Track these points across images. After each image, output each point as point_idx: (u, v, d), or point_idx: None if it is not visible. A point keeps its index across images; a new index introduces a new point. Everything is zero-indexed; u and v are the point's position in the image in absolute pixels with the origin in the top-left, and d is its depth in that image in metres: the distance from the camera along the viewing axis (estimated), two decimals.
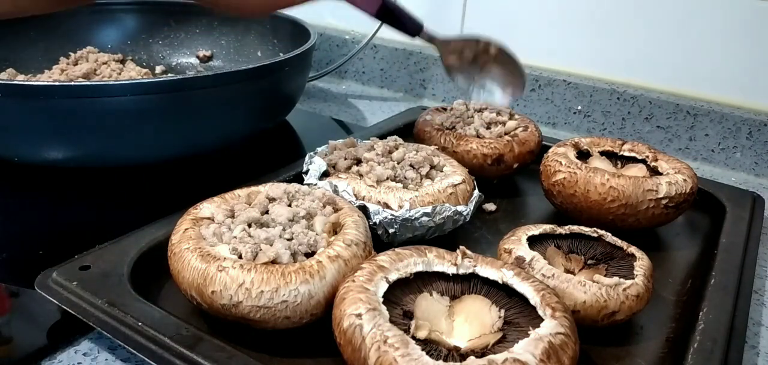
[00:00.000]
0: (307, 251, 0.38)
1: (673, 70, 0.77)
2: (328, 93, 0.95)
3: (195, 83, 0.56)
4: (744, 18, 0.71)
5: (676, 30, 0.75)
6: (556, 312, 0.33)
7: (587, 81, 0.81)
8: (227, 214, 0.41)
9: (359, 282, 0.34)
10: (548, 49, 0.84)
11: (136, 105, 0.53)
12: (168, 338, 0.34)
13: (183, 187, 0.59)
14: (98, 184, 0.58)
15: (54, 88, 0.52)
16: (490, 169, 0.58)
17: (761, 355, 0.42)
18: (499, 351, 0.31)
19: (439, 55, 0.59)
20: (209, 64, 0.87)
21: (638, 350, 0.39)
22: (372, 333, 0.31)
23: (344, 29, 0.99)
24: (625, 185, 0.49)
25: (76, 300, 0.38)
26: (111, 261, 0.41)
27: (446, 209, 0.46)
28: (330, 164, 0.50)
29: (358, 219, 0.41)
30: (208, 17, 0.88)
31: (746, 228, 0.52)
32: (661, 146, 0.77)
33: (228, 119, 0.61)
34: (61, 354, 0.38)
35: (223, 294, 0.35)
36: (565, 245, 0.44)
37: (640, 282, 0.39)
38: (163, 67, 0.85)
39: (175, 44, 0.88)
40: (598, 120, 0.81)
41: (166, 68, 0.85)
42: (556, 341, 0.31)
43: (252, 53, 0.85)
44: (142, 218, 0.46)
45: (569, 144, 0.56)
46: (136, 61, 0.84)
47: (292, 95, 0.71)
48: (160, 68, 0.84)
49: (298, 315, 0.35)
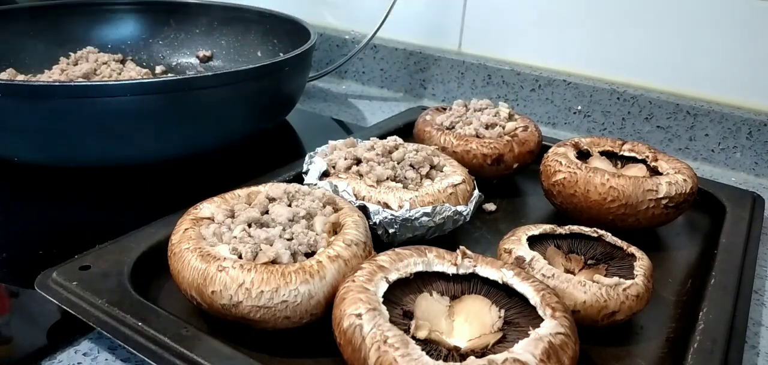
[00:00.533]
0: (307, 252, 0.38)
1: (673, 70, 0.77)
2: (328, 93, 0.95)
3: (193, 84, 0.56)
4: (744, 18, 0.71)
5: (676, 30, 0.75)
6: (556, 312, 0.33)
7: (587, 81, 0.81)
8: (227, 214, 0.41)
9: (359, 282, 0.34)
10: (548, 49, 0.84)
11: (136, 105, 0.53)
12: (168, 338, 0.34)
13: (183, 187, 0.59)
14: (98, 184, 0.58)
15: (54, 88, 0.52)
16: (490, 169, 0.58)
17: (761, 355, 0.42)
18: (499, 351, 0.31)
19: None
20: (209, 65, 0.87)
21: (638, 350, 0.39)
22: (372, 333, 0.31)
23: (344, 29, 0.99)
24: (625, 185, 0.49)
25: (76, 300, 0.38)
26: (111, 261, 0.41)
27: (446, 209, 0.46)
28: (330, 164, 0.50)
29: (358, 219, 0.41)
30: (208, 17, 0.88)
31: (746, 228, 0.52)
32: (661, 146, 0.77)
33: (228, 119, 0.61)
34: (61, 354, 0.38)
35: (223, 294, 0.35)
36: (565, 245, 0.44)
37: (640, 282, 0.39)
38: (163, 68, 0.85)
39: (175, 44, 0.88)
40: (598, 120, 0.81)
41: (166, 68, 0.85)
42: (556, 341, 0.31)
43: (252, 53, 0.85)
44: (142, 218, 0.46)
45: (569, 144, 0.56)
46: (136, 61, 0.84)
47: (293, 94, 0.71)
48: (160, 68, 0.84)
49: (298, 315, 0.35)
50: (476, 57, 0.89)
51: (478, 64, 0.88)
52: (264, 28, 0.84)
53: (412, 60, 0.93)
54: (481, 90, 0.88)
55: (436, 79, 0.92)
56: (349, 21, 0.99)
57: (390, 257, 0.36)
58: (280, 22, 0.82)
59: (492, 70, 0.87)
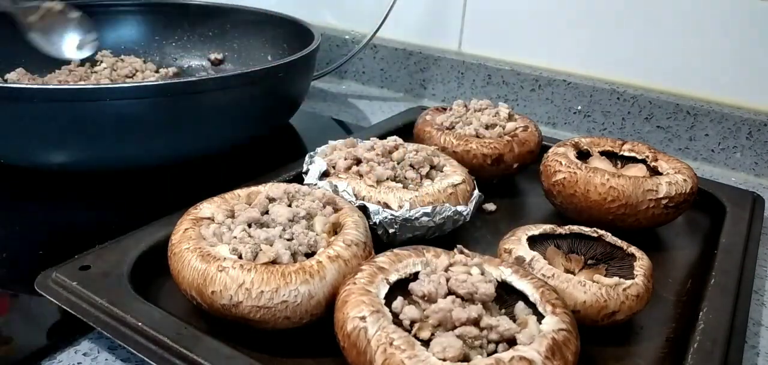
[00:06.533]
0: (307, 252, 0.38)
1: (673, 70, 0.77)
2: (328, 93, 0.95)
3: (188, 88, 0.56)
4: (744, 18, 0.71)
5: (676, 30, 0.75)
6: (556, 308, 0.33)
7: (587, 81, 0.81)
8: (227, 214, 0.41)
9: (361, 284, 0.34)
10: (548, 49, 0.84)
11: (136, 109, 0.53)
12: (168, 338, 0.34)
13: (183, 187, 0.59)
14: (98, 184, 0.58)
15: (54, 91, 0.52)
16: (490, 169, 0.58)
17: (761, 355, 0.42)
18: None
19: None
20: (220, 68, 0.87)
21: (638, 350, 0.39)
22: (377, 335, 0.31)
23: (344, 29, 0.99)
24: (625, 185, 0.49)
25: (76, 300, 0.38)
26: (111, 261, 0.41)
27: (446, 209, 0.46)
28: (330, 164, 0.50)
29: (358, 219, 0.41)
30: (222, 20, 0.88)
31: (746, 228, 0.52)
32: (661, 146, 0.77)
33: (229, 123, 0.60)
34: (61, 354, 0.38)
35: (223, 294, 0.35)
36: (565, 245, 0.44)
37: (640, 282, 0.39)
38: (174, 69, 0.85)
39: (188, 46, 0.88)
40: (598, 120, 0.81)
41: (178, 70, 0.85)
42: (559, 337, 0.31)
43: (262, 57, 0.85)
44: (142, 219, 0.46)
45: (569, 144, 0.56)
46: (147, 63, 0.83)
47: (295, 98, 0.71)
48: (173, 70, 0.84)
49: (298, 315, 0.35)
50: (476, 57, 0.89)
51: (478, 64, 0.88)
52: (275, 32, 0.84)
53: (412, 60, 0.93)
54: (481, 90, 0.88)
55: (436, 79, 0.92)
56: (349, 21, 0.99)
57: (389, 259, 0.36)
58: (290, 25, 0.81)
59: (492, 70, 0.87)
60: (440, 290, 0.33)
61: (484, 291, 0.33)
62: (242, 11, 0.88)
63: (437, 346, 0.30)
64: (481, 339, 0.31)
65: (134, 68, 0.79)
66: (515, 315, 0.34)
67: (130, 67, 0.78)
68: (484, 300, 0.33)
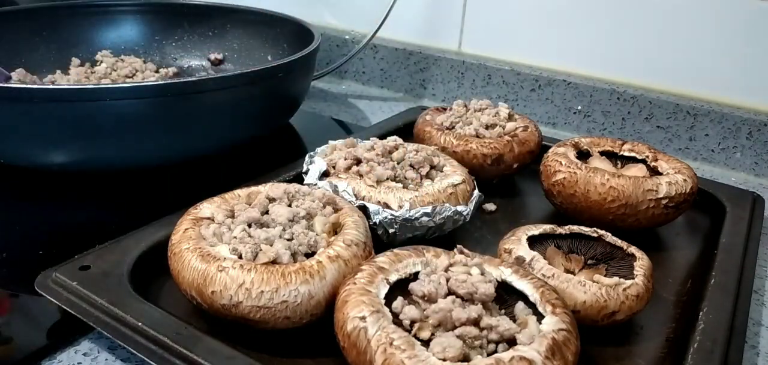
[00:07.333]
0: (307, 252, 0.38)
1: (673, 70, 0.77)
2: (328, 93, 0.95)
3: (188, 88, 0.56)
4: (744, 18, 0.71)
5: (676, 30, 0.75)
6: (556, 308, 0.33)
7: (587, 81, 0.81)
8: (227, 214, 0.41)
9: (361, 284, 0.34)
10: (548, 49, 0.84)
11: (136, 109, 0.53)
12: (168, 338, 0.34)
13: (183, 187, 0.59)
14: (98, 184, 0.58)
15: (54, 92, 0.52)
16: (490, 169, 0.58)
17: (761, 355, 0.42)
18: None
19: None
20: (220, 68, 0.87)
21: (638, 350, 0.39)
22: (377, 335, 0.31)
23: (344, 29, 0.99)
24: (625, 185, 0.49)
25: (76, 300, 0.38)
26: (111, 261, 0.41)
27: (446, 209, 0.46)
28: (330, 164, 0.50)
29: (358, 219, 0.41)
30: (222, 20, 0.88)
31: (746, 228, 0.52)
32: (661, 146, 0.77)
33: (229, 123, 0.60)
34: (61, 354, 0.38)
35: (223, 294, 0.35)
36: (565, 245, 0.44)
37: (640, 282, 0.39)
38: (174, 69, 0.85)
39: (188, 46, 0.88)
40: (598, 120, 0.81)
41: (178, 70, 0.85)
42: (559, 337, 0.31)
43: (263, 57, 0.85)
44: (142, 219, 0.46)
45: (569, 144, 0.56)
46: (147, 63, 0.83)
47: (295, 98, 0.71)
48: (173, 70, 0.84)
49: (298, 315, 0.35)
50: (476, 57, 0.89)
51: (478, 64, 0.88)
52: (275, 32, 0.84)
53: (412, 60, 0.93)
54: (481, 90, 0.88)
55: (436, 79, 0.92)
56: (349, 21, 0.99)
57: (389, 259, 0.36)
58: (290, 25, 0.81)
59: (492, 70, 0.87)
60: (440, 290, 0.33)
61: (484, 291, 0.33)
62: (242, 11, 0.88)
63: (437, 346, 0.30)
64: (481, 339, 0.31)
65: (134, 68, 0.79)
66: (515, 315, 0.34)
67: (130, 68, 0.78)
68: (484, 300, 0.33)
